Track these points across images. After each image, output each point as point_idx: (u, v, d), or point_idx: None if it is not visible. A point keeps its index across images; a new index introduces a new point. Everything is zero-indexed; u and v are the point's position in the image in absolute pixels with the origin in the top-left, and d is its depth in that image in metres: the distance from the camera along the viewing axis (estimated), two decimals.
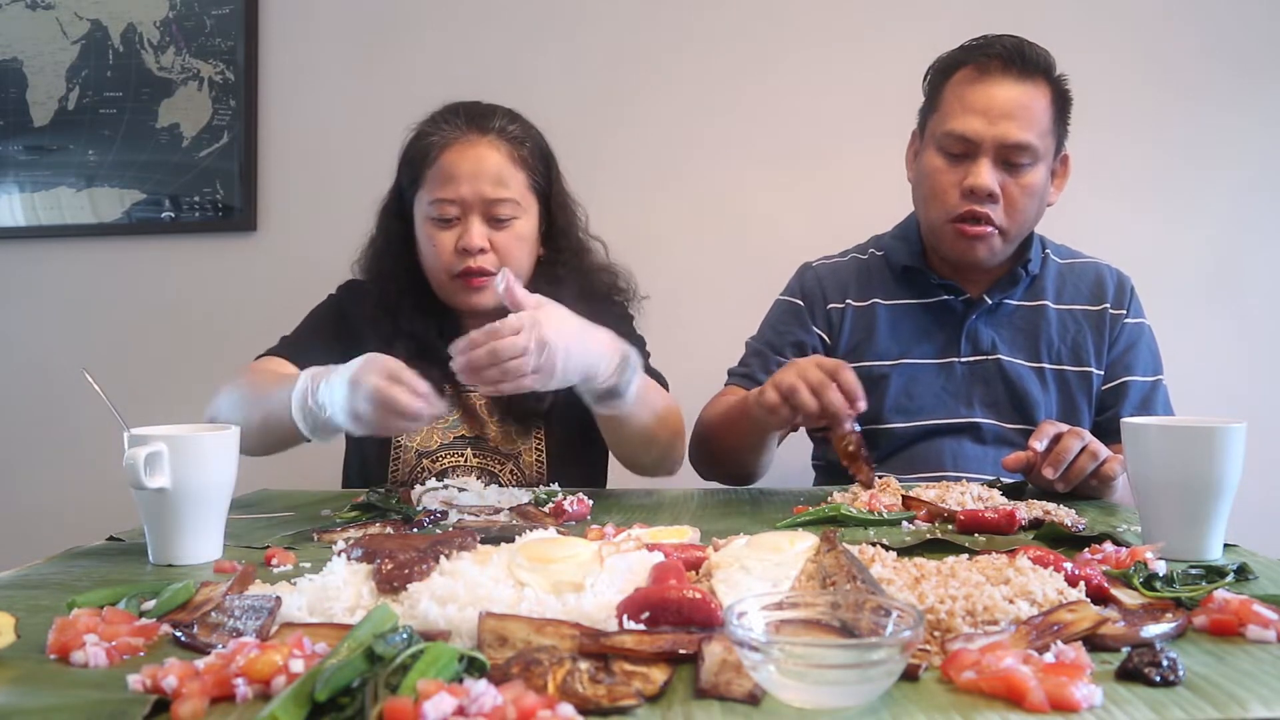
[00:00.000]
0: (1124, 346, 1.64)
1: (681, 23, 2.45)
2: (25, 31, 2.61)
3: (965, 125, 1.52)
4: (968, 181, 1.52)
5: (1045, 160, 1.55)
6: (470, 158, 1.50)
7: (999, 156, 1.52)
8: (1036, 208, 1.58)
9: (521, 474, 1.58)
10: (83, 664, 0.67)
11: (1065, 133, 1.60)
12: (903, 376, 1.63)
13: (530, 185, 1.56)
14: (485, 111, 1.56)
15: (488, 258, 1.51)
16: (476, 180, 1.50)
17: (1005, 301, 1.64)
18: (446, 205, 1.50)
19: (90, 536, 1.14)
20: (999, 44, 1.54)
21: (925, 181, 1.60)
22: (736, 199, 2.43)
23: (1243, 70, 2.33)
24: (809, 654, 0.58)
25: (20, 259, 2.63)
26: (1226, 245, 2.34)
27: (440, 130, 1.53)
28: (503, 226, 1.52)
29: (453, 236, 1.51)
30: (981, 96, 1.52)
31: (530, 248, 1.58)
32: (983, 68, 1.53)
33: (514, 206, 1.52)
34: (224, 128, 2.56)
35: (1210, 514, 0.97)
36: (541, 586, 0.76)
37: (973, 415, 1.61)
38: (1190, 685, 0.61)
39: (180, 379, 2.50)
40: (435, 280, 1.57)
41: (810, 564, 0.81)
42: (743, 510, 1.29)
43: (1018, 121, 1.50)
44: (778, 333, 1.70)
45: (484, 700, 0.54)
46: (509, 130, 1.54)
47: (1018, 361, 1.62)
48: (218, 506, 1.04)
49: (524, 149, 1.55)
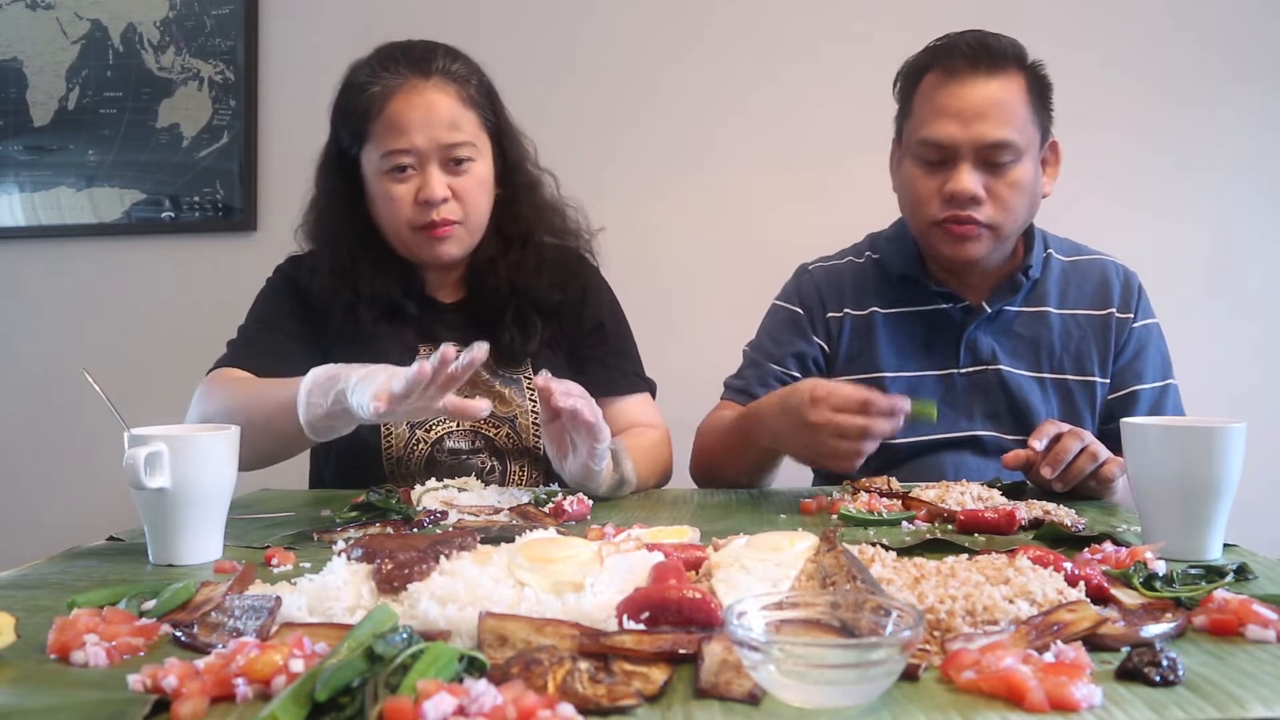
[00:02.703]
0: (1132, 353, 1.59)
1: (683, 27, 2.45)
2: (25, 31, 2.61)
3: (939, 131, 1.47)
4: (948, 188, 1.47)
5: (1030, 153, 1.49)
6: (419, 105, 1.43)
7: (979, 158, 1.47)
8: (1028, 202, 1.52)
9: (518, 436, 1.54)
10: (83, 664, 0.67)
11: (1049, 119, 1.54)
12: (902, 388, 1.56)
13: (482, 123, 1.49)
14: (424, 53, 1.48)
15: (450, 207, 1.45)
16: (429, 127, 1.42)
17: (1005, 309, 1.59)
18: (400, 155, 1.43)
19: (90, 536, 1.14)
20: (962, 42, 1.48)
21: (907, 190, 1.56)
22: (739, 202, 2.44)
23: (1242, 71, 2.34)
24: (809, 654, 0.58)
25: (20, 259, 2.63)
26: (1226, 245, 2.34)
27: (380, 78, 1.44)
28: (461, 171, 1.46)
29: (410, 189, 1.44)
30: (952, 99, 1.47)
31: (489, 190, 1.51)
32: (949, 69, 1.48)
33: (470, 149, 1.46)
34: (224, 128, 2.56)
35: (1210, 514, 0.97)
36: (541, 586, 0.76)
37: (973, 428, 1.57)
38: (1190, 685, 0.61)
39: (180, 379, 2.48)
40: (395, 236, 1.49)
41: (810, 564, 0.81)
42: (743, 510, 1.29)
43: (992, 120, 1.45)
44: (777, 343, 1.65)
45: (484, 700, 0.54)
46: (453, 70, 1.47)
47: (1018, 371, 1.58)
48: (218, 506, 1.04)
49: (470, 87, 1.48)
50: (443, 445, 1.52)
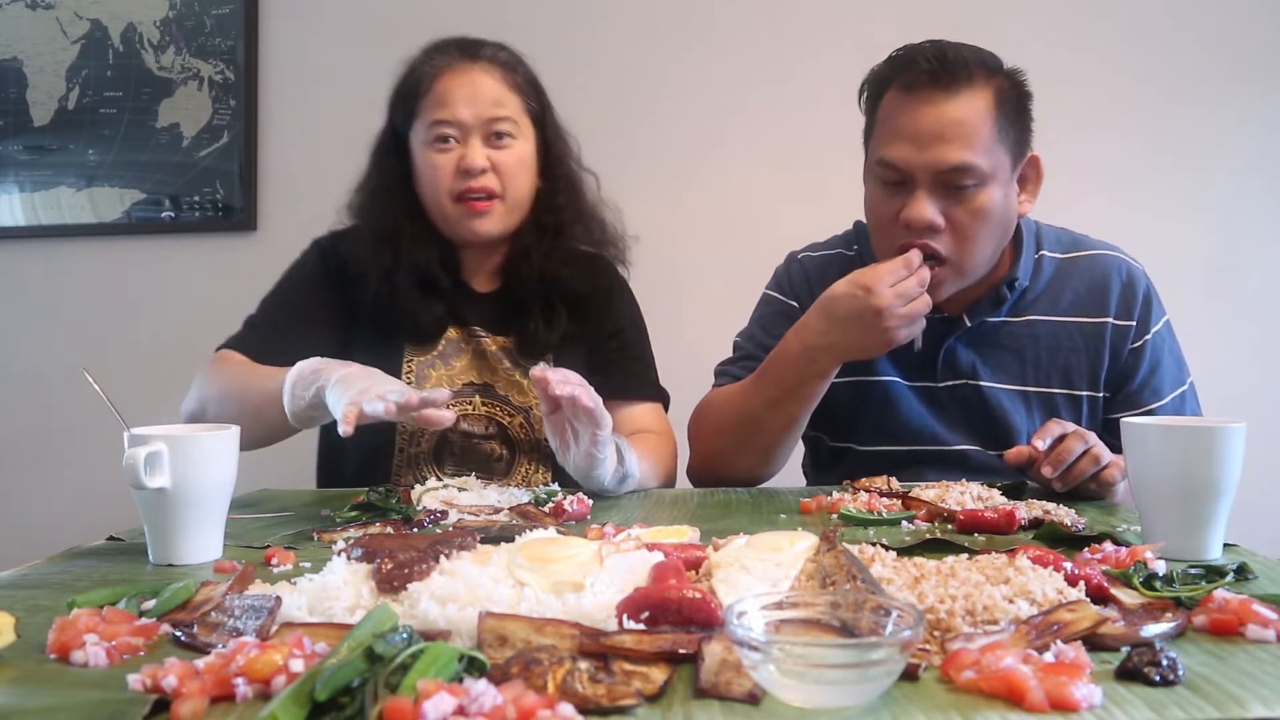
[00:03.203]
0: (1147, 369, 1.50)
1: (685, 27, 2.45)
2: (25, 31, 2.61)
3: (894, 153, 1.38)
4: (903, 215, 1.38)
5: (997, 177, 1.37)
6: (465, 82, 1.51)
7: (937, 182, 1.36)
8: (995, 231, 1.41)
9: (530, 429, 1.57)
10: (83, 664, 0.67)
11: (1027, 133, 1.43)
12: (887, 394, 1.54)
13: (525, 109, 1.56)
14: (475, 42, 1.57)
15: (489, 178, 1.51)
16: (474, 103, 1.50)
17: (987, 320, 1.51)
18: (445, 126, 1.50)
19: (90, 536, 1.14)
20: (920, 56, 1.37)
21: (869, 212, 1.49)
22: (739, 201, 2.44)
23: (1242, 71, 2.34)
24: (809, 654, 0.58)
25: (20, 259, 2.63)
26: (1226, 245, 2.34)
27: (432, 60, 1.54)
28: (502, 145, 1.52)
29: (453, 159, 1.51)
30: (908, 119, 1.37)
31: (529, 173, 1.57)
32: (909, 84, 1.38)
33: (511, 124, 1.53)
34: (224, 128, 2.56)
35: (1210, 514, 0.97)
36: (541, 586, 0.76)
37: (959, 443, 1.52)
38: (1190, 685, 0.61)
39: (180, 379, 2.49)
40: (435, 207, 1.55)
41: (810, 564, 0.81)
42: (743, 510, 1.29)
43: (951, 143, 1.34)
44: (769, 334, 1.58)
45: (484, 700, 0.54)
46: (500, 57, 1.56)
47: (999, 386, 1.51)
48: (218, 506, 1.04)
49: (517, 74, 1.56)
50: (456, 425, 1.51)
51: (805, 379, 1.44)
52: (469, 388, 1.57)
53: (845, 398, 1.55)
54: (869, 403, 1.55)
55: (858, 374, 1.54)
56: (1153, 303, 1.52)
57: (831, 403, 1.52)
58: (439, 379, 1.56)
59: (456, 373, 1.58)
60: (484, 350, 1.59)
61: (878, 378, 1.55)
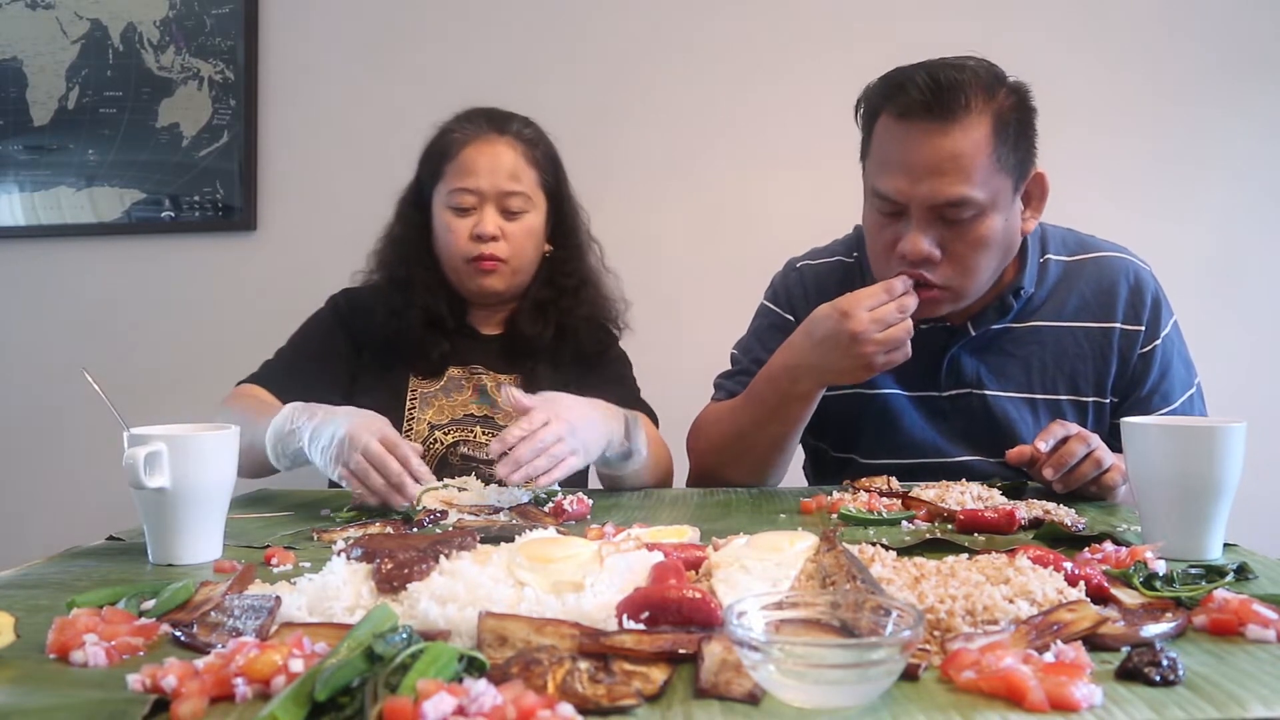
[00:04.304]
0: (1157, 375, 1.47)
1: (683, 28, 2.45)
2: (25, 31, 2.61)
3: (889, 185, 1.34)
4: (899, 248, 1.35)
5: (997, 203, 1.33)
6: (488, 154, 1.64)
7: (933, 214, 1.32)
8: (995, 257, 1.37)
9: None
10: (82, 664, 0.67)
11: (1031, 153, 1.37)
12: (886, 406, 1.52)
13: (540, 183, 1.68)
14: (504, 116, 1.69)
15: (499, 245, 1.63)
16: (493, 174, 1.63)
17: (991, 326, 1.48)
18: (465, 195, 1.63)
19: (90, 536, 1.14)
20: (913, 82, 1.31)
21: (867, 235, 1.46)
22: (739, 203, 2.43)
23: (1242, 71, 2.33)
24: (809, 654, 0.58)
25: (20, 259, 2.63)
26: (1226, 245, 2.34)
27: (463, 128, 1.66)
28: (514, 218, 1.65)
29: (469, 224, 1.63)
30: (901, 151, 1.32)
31: (537, 242, 1.70)
32: (903, 110, 1.32)
33: (525, 200, 1.65)
34: (224, 127, 2.56)
35: (1210, 514, 0.97)
36: (541, 586, 0.76)
37: (961, 454, 1.50)
38: (1190, 685, 0.61)
39: (180, 379, 2.50)
40: (450, 265, 1.68)
41: (810, 564, 0.81)
42: (743, 510, 1.29)
43: (946, 176, 1.29)
44: (764, 347, 1.56)
45: (484, 700, 0.54)
46: (524, 133, 1.68)
47: (1004, 394, 1.48)
48: (218, 506, 1.04)
49: (537, 150, 1.68)
50: (456, 449, 1.61)
51: (788, 400, 1.44)
52: (470, 418, 1.64)
53: (845, 411, 1.55)
54: (869, 416, 1.54)
55: (857, 386, 1.51)
56: (1161, 306, 1.49)
57: (832, 415, 1.53)
58: (440, 408, 1.64)
59: (458, 404, 1.66)
60: (485, 387, 1.68)
61: (877, 391, 1.53)
